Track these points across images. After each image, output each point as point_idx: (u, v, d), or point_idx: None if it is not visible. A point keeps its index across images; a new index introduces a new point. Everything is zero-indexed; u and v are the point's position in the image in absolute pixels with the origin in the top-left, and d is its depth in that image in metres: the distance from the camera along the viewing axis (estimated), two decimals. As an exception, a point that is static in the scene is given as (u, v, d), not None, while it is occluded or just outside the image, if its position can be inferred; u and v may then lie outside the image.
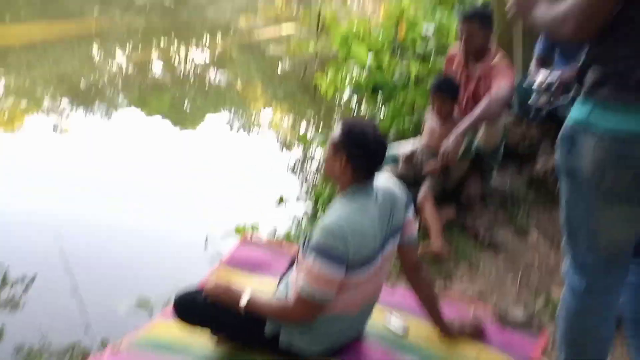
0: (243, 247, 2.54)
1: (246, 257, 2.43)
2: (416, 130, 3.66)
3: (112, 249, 3.62)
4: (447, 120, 2.87)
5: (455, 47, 3.07)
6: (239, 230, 2.77)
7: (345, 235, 1.64)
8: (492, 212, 3.09)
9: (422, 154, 2.93)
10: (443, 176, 2.84)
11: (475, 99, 2.93)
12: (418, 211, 2.80)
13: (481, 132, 2.91)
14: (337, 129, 1.78)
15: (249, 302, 1.78)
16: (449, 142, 2.65)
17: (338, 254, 1.63)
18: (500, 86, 2.73)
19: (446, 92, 2.83)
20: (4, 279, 3.41)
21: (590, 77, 1.27)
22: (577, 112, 1.32)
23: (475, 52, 2.88)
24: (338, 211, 1.71)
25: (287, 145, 5.96)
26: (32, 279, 3.32)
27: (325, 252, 1.63)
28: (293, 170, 4.99)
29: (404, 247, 1.94)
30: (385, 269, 1.88)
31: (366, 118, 1.85)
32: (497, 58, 2.87)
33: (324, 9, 8.64)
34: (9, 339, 2.84)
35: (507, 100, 2.89)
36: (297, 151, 5.55)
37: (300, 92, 7.77)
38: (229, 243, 2.67)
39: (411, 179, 2.88)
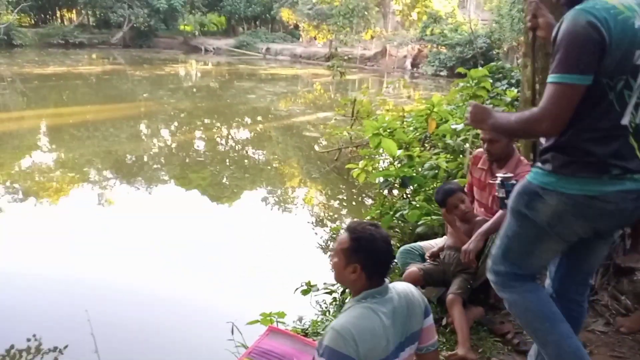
0: (268, 337, 2.54)
1: (271, 348, 2.42)
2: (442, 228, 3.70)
3: (142, 325, 3.70)
4: (468, 221, 2.89)
5: (481, 149, 3.16)
6: (264, 317, 2.79)
7: (354, 340, 1.61)
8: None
9: (447, 253, 2.94)
10: (471, 276, 2.83)
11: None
12: (446, 311, 2.78)
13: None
14: (344, 236, 1.77)
15: None
16: (470, 243, 2.68)
17: (345, 358, 1.61)
18: None
19: (442, 205, 2.88)
20: (38, 349, 3.50)
21: (557, 159, 1.69)
22: (544, 178, 1.72)
23: (497, 158, 2.93)
24: (348, 314, 1.70)
25: (319, 225, 6.07)
26: (64, 347, 3.41)
27: (332, 356, 1.61)
28: (324, 252, 5.05)
29: (423, 354, 1.88)
30: None
31: (369, 220, 1.85)
32: (520, 162, 2.91)
33: (359, 96, 9.02)
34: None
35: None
36: (328, 233, 5.64)
37: (334, 173, 7.98)
38: (254, 330, 2.69)
39: (438, 277, 2.89)
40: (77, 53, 26.02)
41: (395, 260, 3.09)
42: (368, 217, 4.06)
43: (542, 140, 1.79)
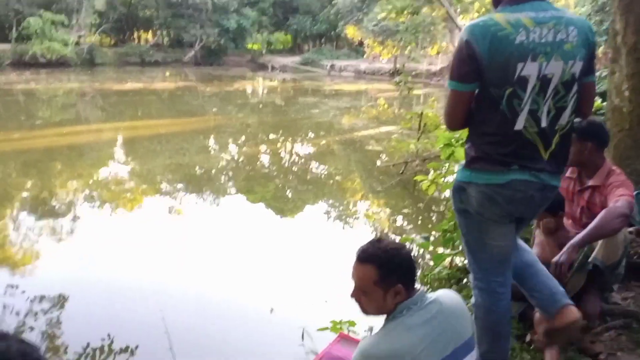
0: (339, 344, 2.49)
1: (341, 355, 2.37)
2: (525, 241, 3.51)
3: (212, 331, 3.73)
4: (555, 234, 2.72)
5: None
6: (334, 325, 2.73)
7: None
8: (615, 333, 2.77)
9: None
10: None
11: (591, 210, 2.77)
12: (530, 327, 2.62)
13: (599, 246, 2.71)
14: (366, 270, 1.60)
15: None
16: (561, 255, 2.50)
17: None
18: (619, 200, 2.55)
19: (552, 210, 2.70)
20: (110, 347, 3.61)
21: (468, 154, 1.94)
22: (463, 173, 1.97)
23: (583, 166, 2.76)
24: (379, 335, 1.59)
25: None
26: (135, 348, 3.50)
27: None
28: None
29: None
30: None
31: (378, 239, 1.70)
32: (612, 172, 2.72)
33: (425, 110, 8.87)
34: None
35: (626, 214, 2.69)
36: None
37: (400, 187, 7.84)
38: (325, 337, 2.64)
39: (520, 292, 2.72)
40: (152, 71, 27.46)
41: None
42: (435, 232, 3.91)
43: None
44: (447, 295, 1.71)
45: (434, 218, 6.75)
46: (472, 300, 2.15)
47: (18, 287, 4.41)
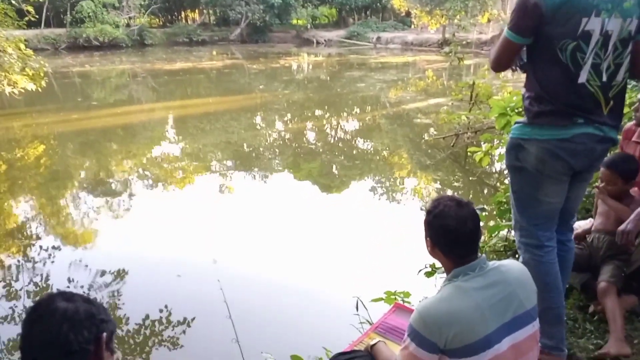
0: (394, 314, 2.47)
1: (397, 325, 2.35)
2: (584, 212, 3.35)
3: (268, 303, 3.82)
4: (621, 200, 2.57)
5: (631, 123, 2.84)
6: (389, 295, 2.72)
7: (436, 324, 1.51)
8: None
9: (595, 236, 2.65)
10: (624, 262, 2.52)
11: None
12: (591, 298, 2.53)
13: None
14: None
15: (376, 345, 1.85)
16: (628, 223, 2.37)
17: (428, 342, 1.52)
18: None
19: (616, 170, 2.54)
20: (168, 319, 3.75)
21: (529, 110, 1.96)
22: (520, 130, 2.00)
23: None
24: (436, 296, 1.60)
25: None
26: (192, 320, 3.63)
27: (416, 337, 1.54)
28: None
29: None
30: (518, 357, 1.58)
31: (456, 195, 1.66)
32: None
33: (477, 80, 8.56)
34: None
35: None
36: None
37: (450, 161, 7.66)
38: (378, 308, 2.64)
39: (582, 262, 2.61)
40: (199, 50, 27.85)
41: None
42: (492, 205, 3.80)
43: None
44: (511, 264, 1.67)
45: (485, 191, 6.57)
46: (520, 260, 2.14)
47: (81, 261, 4.63)
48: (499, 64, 2.03)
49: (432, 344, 1.52)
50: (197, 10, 36.08)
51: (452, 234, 1.59)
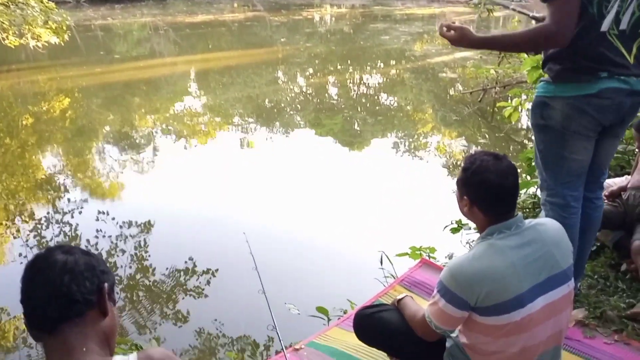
0: (420, 269, 2.47)
1: (423, 279, 2.35)
2: (619, 168, 3.25)
3: (292, 257, 3.86)
4: None
5: None
6: (414, 251, 2.71)
7: (467, 281, 1.49)
8: None
9: (631, 194, 2.57)
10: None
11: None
12: (624, 257, 2.48)
13: None
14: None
15: (403, 300, 1.84)
16: None
17: (459, 299, 1.50)
18: None
19: None
20: (193, 270, 3.83)
21: (552, 69, 1.93)
22: (546, 88, 1.98)
23: None
24: (469, 253, 1.57)
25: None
26: (216, 271, 3.71)
27: (446, 293, 1.52)
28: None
29: None
30: (552, 316, 1.56)
31: (494, 151, 1.58)
32: None
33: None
34: (192, 324, 3.18)
35: None
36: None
37: (476, 116, 7.49)
38: (403, 263, 2.64)
39: (616, 219, 2.55)
40: (220, 2, 27.30)
41: None
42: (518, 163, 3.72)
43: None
44: (548, 223, 1.62)
45: (511, 148, 6.43)
46: (542, 215, 2.14)
47: (108, 213, 4.72)
48: (566, 26, 1.79)
49: (463, 301, 1.50)
50: (217, -39, 35.20)
51: (493, 189, 1.53)
